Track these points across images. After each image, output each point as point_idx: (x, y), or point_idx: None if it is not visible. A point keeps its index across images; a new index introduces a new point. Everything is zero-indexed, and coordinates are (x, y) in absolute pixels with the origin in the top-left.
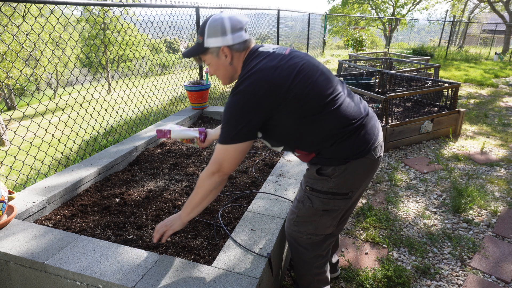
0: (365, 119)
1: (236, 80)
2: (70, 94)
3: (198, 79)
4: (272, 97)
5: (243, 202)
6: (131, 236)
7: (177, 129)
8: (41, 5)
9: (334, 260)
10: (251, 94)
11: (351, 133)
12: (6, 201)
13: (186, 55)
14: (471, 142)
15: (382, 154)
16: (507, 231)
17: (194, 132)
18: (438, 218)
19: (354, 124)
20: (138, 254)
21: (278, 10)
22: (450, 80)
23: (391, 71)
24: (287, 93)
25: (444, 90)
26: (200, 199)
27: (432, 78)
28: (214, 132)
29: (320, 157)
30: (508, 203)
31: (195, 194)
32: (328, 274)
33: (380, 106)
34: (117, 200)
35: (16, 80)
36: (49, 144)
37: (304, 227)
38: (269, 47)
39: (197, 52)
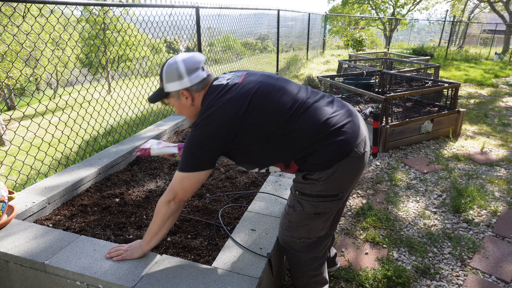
0: (341, 119)
1: None
2: (70, 94)
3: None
4: (227, 129)
5: (243, 202)
6: (131, 236)
7: (156, 147)
8: (41, 5)
9: (331, 253)
10: (206, 128)
11: (327, 138)
12: (6, 201)
13: (151, 100)
14: (471, 142)
15: (368, 149)
16: (507, 231)
17: (173, 149)
18: (438, 218)
19: (331, 127)
20: None
21: (278, 10)
22: (450, 80)
23: (391, 71)
24: (243, 122)
25: (444, 90)
26: (158, 227)
27: (432, 78)
28: None
29: (304, 164)
30: (508, 203)
31: (153, 223)
32: (325, 274)
33: (380, 106)
34: (117, 200)
35: (16, 80)
36: (49, 144)
37: (297, 231)
38: (223, 78)
39: (160, 97)
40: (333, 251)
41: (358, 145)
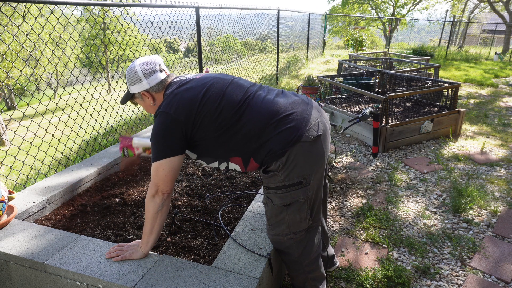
0: (289, 108)
1: None
2: (70, 94)
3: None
4: (185, 113)
5: (243, 202)
6: (131, 236)
7: (139, 138)
8: (41, 5)
9: (329, 253)
10: (166, 114)
11: (277, 126)
12: (6, 201)
13: (122, 101)
14: (471, 142)
15: (323, 132)
16: (507, 231)
17: None
18: (438, 218)
19: (278, 115)
20: None
21: (278, 10)
22: (450, 80)
23: (391, 71)
24: (199, 108)
25: (444, 90)
26: (150, 225)
27: (432, 78)
28: None
29: (259, 157)
30: (508, 203)
31: (145, 222)
32: (322, 270)
33: (380, 106)
34: (117, 200)
35: (16, 80)
36: (49, 144)
37: (278, 228)
38: (182, 76)
39: (127, 98)
40: (331, 250)
41: (310, 130)
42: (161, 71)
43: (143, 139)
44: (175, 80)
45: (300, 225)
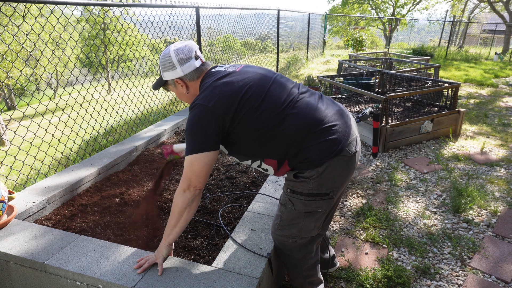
0: (333, 118)
1: None
2: (70, 94)
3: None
4: (224, 108)
5: (243, 202)
6: (131, 236)
7: (178, 144)
8: (41, 5)
9: (330, 254)
10: (203, 107)
11: (319, 135)
12: (6, 201)
13: (154, 87)
14: (471, 142)
15: (359, 149)
16: (507, 231)
17: None
18: (438, 218)
19: (322, 125)
20: (138, 254)
21: (278, 10)
22: (450, 80)
23: (391, 71)
24: (240, 105)
25: (444, 90)
26: (176, 220)
27: (432, 78)
28: None
29: (294, 162)
30: (508, 203)
31: (171, 215)
32: (320, 274)
33: (380, 106)
34: (117, 200)
35: (16, 80)
36: (49, 144)
37: (288, 230)
38: (221, 67)
39: (160, 84)
40: (331, 251)
41: (350, 145)
42: (196, 58)
43: (181, 144)
44: (213, 70)
45: (311, 232)
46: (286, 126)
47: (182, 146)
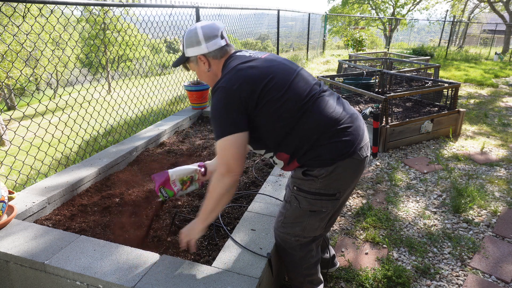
0: (348, 120)
1: None
2: (70, 94)
3: (198, 79)
4: (248, 92)
5: (243, 202)
6: (131, 236)
7: (173, 169)
8: (41, 5)
9: (330, 254)
10: (228, 89)
11: (334, 134)
12: (6, 201)
13: (174, 64)
14: (471, 142)
15: (369, 154)
16: (507, 231)
17: (192, 166)
18: (438, 218)
19: (337, 126)
20: (138, 254)
21: (278, 10)
22: (450, 80)
23: (391, 71)
24: (263, 92)
25: (444, 90)
26: (213, 205)
27: (432, 78)
28: (213, 164)
29: (304, 158)
30: (508, 203)
31: (208, 200)
32: (320, 274)
33: (380, 106)
34: (117, 200)
35: (16, 80)
36: (49, 144)
37: (292, 228)
38: (246, 52)
39: (181, 61)
40: (331, 251)
41: (362, 149)
42: (221, 38)
43: (179, 168)
44: (237, 54)
45: (315, 231)
46: (305, 121)
47: (180, 171)
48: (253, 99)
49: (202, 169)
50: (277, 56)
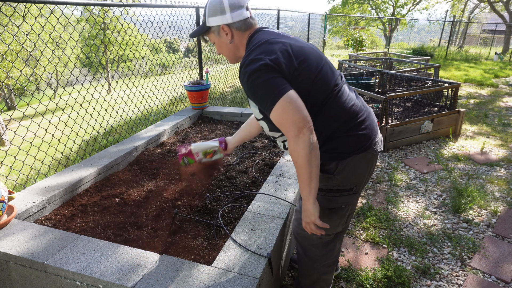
0: (366, 114)
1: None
2: (70, 94)
3: (198, 79)
4: (285, 65)
5: (243, 202)
6: (131, 236)
7: (196, 144)
8: (41, 5)
9: None
10: (263, 61)
11: (353, 127)
12: (6, 201)
13: (192, 35)
14: (471, 142)
15: (382, 150)
16: (507, 231)
17: (214, 142)
18: (438, 218)
19: (356, 119)
20: (138, 254)
21: (278, 10)
22: (450, 80)
23: (391, 71)
24: (297, 72)
25: (444, 90)
26: (307, 171)
27: (432, 78)
28: (233, 139)
29: (322, 150)
30: (508, 203)
31: (299, 171)
32: (333, 275)
33: (380, 106)
34: (117, 200)
35: (16, 80)
36: (49, 144)
37: None
38: (272, 29)
39: (201, 31)
40: None
41: (376, 144)
42: (247, 9)
43: (200, 143)
44: (264, 29)
45: (336, 228)
46: (328, 109)
47: (202, 146)
48: (286, 76)
49: (223, 145)
50: (303, 41)
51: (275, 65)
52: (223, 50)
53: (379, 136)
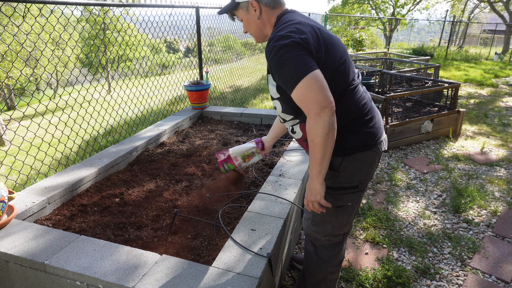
0: (373, 113)
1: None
2: (70, 94)
3: (198, 79)
4: (312, 48)
5: (243, 202)
6: (131, 236)
7: (233, 148)
8: (41, 5)
9: None
10: (293, 37)
11: (361, 125)
12: (6, 201)
13: (221, 11)
14: (471, 142)
15: (386, 148)
16: (507, 231)
17: (250, 143)
18: (438, 218)
19: (365, 117)
20: (138, 254)
21: None
22: (450, 80)
23: (391, 71)
24: (324, 57)
25: (444, 90)
26: (322, 150)
27: (432, 78)
28: (269, 137)
29: None
30: (508, 203)
31: (314, 149)
32: (339, 274)
33: (380, 106)
34: (117, 200)
35: (16, 80)
36: (49, 144)
37: (322, 227)
38: (299, 13)
39: (230, 7)
40: None
41: (381, 143)
42: None
43: (238, 147)
44: (295, 12)
45: (344, 228)
46: (343, 102)
47: (240, 149)
48: (315, 56)
49: (260, 145)
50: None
51: (305, 44)
52: (251, 27)
53: (384, 136)
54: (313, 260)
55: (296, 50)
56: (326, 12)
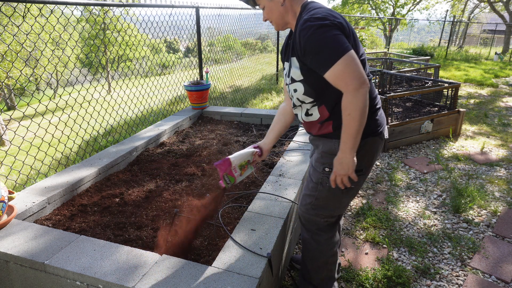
0: (380, 103)
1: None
2: (70, 94)
3: (198, 79)
4: (346, 30)
5: (243, 202)
6: (131, 236)
7: (233, 155)
8: (41, 5)
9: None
10: (328, 20)
11: (372, 113)
12: (6, 201)
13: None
14: (471, 142)
15: (387, 136)
16: (507, 231)
17: (248, 149)
18: (438, 218)
19: (375, 106)
20: (138, 254)
21: None
22: (450, 80)
23: (391, 71)
24: (353, 43)
25: (444, 90)
26: (359, 124)
27: (432, 78)
28: (267, 140)
29: (339, 128)
30: (508, 203)
31: (351, 123)
32: (337, 260)
33: None
34: (117, 200)
35: (16, 80)
36: (49, 144)
37: (323, 209)
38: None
39: None
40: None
41: (385, 130)
42: None
43: (238, 153)
44: (319, 2)
45: (343, 209)
46: None
47: (240, 155)
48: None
49: (258, 150)
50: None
51: (340, 26)
52: (273, 14)
53: (385, 124)
54: (312, 246)
55: (335, 30)
56: None
